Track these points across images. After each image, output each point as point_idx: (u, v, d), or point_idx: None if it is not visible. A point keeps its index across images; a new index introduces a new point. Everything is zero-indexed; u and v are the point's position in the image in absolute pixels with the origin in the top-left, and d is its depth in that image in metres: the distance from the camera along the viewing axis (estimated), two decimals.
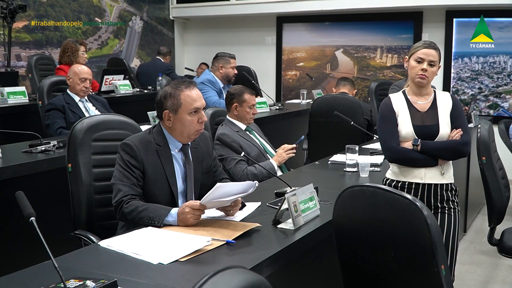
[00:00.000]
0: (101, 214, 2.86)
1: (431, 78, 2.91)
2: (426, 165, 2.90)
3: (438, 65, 2.92)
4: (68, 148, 2.87)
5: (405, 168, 2.95)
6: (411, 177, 2.93)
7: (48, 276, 1.78)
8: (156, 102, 2.74)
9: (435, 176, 2.91)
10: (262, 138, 4.22)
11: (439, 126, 2.90)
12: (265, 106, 6.18)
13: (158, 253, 2.08)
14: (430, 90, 2.99)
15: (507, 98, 7.40)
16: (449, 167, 2.96)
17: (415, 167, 2.91)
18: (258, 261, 2.05)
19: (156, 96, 2.77)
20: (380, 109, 3.03)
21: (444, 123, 2.91)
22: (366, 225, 2.07)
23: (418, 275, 1.95)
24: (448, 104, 2.94)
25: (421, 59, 2.90)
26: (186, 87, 2.69)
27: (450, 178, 2.94)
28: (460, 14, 7.59)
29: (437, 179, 2.91)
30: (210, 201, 2.38)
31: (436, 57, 2.90)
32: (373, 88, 6.63)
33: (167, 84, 2.83)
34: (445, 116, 2.92)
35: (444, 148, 2.89)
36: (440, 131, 2.89)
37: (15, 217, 2.37)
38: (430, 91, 2.99)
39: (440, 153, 2.89)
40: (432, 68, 2.89)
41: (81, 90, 4.64)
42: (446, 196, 2.92)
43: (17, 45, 7.21)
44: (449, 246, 2.91)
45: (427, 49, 2.91)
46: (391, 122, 2.95)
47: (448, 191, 2.92)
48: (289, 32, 8.97)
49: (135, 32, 9.02)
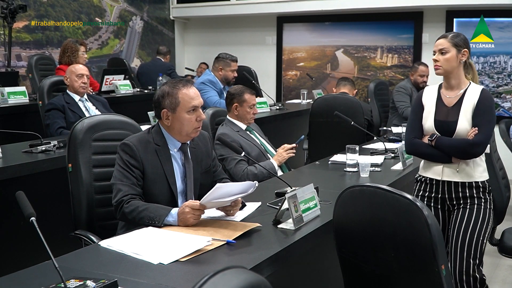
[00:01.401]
0: (102, 214, 2.86)
1: (446, 66, 2.91)
2: (441, 161, 2.94)
3: (453, 51, 2.89)
4: (68, 148, 2.87)
5: (427, 163, 3.02)
6: (431, 173, 2.99)
7: (49, 276, 1.78)
8: (154, 101, 2.74)
9: (451, 173, 2.93)
10: (262, 138, 4.22)
11: (458, 122, 2.89)
12: (266, 106, 6.19)
13: (158, 253, 2.08)
14: (462, 83, 2.94)
15: (508, 98, 7.40)
16: (469, 165, 2.91)
17: (433, 162, 2.97)
18: (258, 261, 2.05)
19: (154, 95, 2.77)
20: (413, 100, 3.09)
21: (463, 120, 2.89)
22: (367, 225, 2.07)
23: (418, 275, 1.95)
24: (474, 100, 2.89)
25: (434, 52, 2.96)
26: (184, 86, 2.69)
27: (472, 177, 2.91)
28: (461, 14, 7.59)
29: (452, 176, 2.93)
30: (210, 201, 2.38)
31: (444, 44, 2.91)
32: (372, 89, 6.64)
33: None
34: (467, 113, 2.89)
35: (453, 146, 2.89)
36: (458, 128, 2.89)
37: (16, 217, 2.37)
38: (462, 84, 2.94)
39: (450, 150, 2.91)
40: (445, 56, 2.91)
41: (80, 87, 4.63)
42: (469, 193, 2.91)
43: (18, 45, 7.22)
44: (466, 240, 2.88)
45: (437, 41, 2.97)
46: (416, 115, 3.03)
47: (468, 188, 2.91)
48: (290, 32, 8.97)
49: (135, 32, 9.02)
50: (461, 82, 2.95)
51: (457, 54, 2.91)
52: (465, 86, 2.94)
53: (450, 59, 2.90)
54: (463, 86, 2.95)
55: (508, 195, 3.54)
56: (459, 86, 2.95)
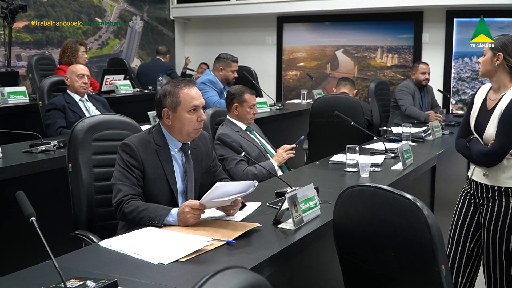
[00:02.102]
0: (102, 214, 2.86)
1: (482, 68, 2.96)
2: (474, 163, 3.04)
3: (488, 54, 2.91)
4: (68, 148, 2.87)
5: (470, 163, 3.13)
6: (469, 171, 3.11)
7: (49, 276, 1.78)
8: (156, 100, 2.75)
9: (479, 175, 3.00)
10: (262, 138, 4.22)
11: (486, 128, 2.92)
12: (266, 106, 6.18)
13: (158, 253, 2.08)
14: (503, 87, 2.92)
15: None
16: (495, 169, 2.92)
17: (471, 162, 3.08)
18: (258, 261, 2.05)
19: (155, 95, 2.77)
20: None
21: (491, 126, 2.90)
22: (367, 225, 2.06)
23: (418, 275, 1.95)
24: (502, 107, 2.88)
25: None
26: (185, 85, 2.69)
27: (497, 181, 2.93)
28: (460, 14, 7.60)
29: (480, 178, 3.00)
30: (210, 200, 2.38)
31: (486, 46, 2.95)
32: (372, 89, 6.64)
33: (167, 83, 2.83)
34: (495, 119, 2.90)
35: (474, 152, 2.98)
36: (485, 134, 2.93)
37: (16, 217, 2.37)
38: (502, 89, 2.92)
39: (469, 154, 3.01)
40: (483, 58, 2.95)
41: (81, 87, 4.64)
42: (491, 195, 2.96)
43: (18, 45, 7.22)
44: (484, 241, 2.98)
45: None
46: (467, 113, 3.11)
47: (492, 191, 2.95)
48: (290, 32, 8.98)
49: (135, 32, 9.03)
50: (501, 86, 2.93)
51: (492, 58, 2.90)
52: (505, 91, 2.91)
53: (484, 61, 2.94)
54: (503, 91, 2.92)
55: None
56: (499, 90, 2.94)
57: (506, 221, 2.92)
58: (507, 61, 2.87)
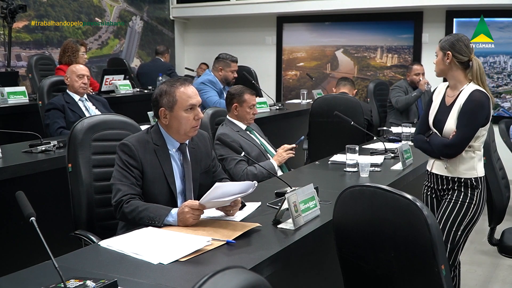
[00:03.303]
0: (101, 214, 2.86)
1: (436, 68, 3.10)
2: (434, 156, 3.13)
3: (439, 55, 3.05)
4: (68, 148, 2.87)
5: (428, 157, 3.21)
6: (428, 165, 3.21)
7: (48, 276, 1.78)
8: (152, 100, 2.75)
9: (440, 168, 3.10)
10: (262, 138, 4.22)
11: (446, 122, 3.02)
12: (265, 106, 6.19)
13: (158, 253, 2.08)
14: (459, 84, 3.04)
15: (508, 98, 7.40)
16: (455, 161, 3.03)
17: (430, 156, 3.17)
18: (258, 261, 2.05)
19: (152, 95, 2.77)
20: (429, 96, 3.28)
21: (451, 120, 3.01)
22: (366, 225, 2.07)
23: (418, 275, 1.95)
24: (461, 102, 2.99)
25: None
26: (181, 84, 2.69)
27: (458, 173, 3.03)
28: (460, 14, 7.59)
29: (441, 171, 3.10)
30: (209, 200, 2.38)
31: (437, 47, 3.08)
32: (371, 89, 6.65)
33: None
34: (454, 113, 3.00)
35: (435, 145, 3.07)
36: (444, 128, 3.03)
37: (15, 217, 2.37)
38: (459, 85, 3.04)
39: (434, 148, 3.08)
40: (436, 59, 3.09)
41: (80, 87, 4.65)
42: (451, 186, 3.06)
43: (17, 45, 7.21)
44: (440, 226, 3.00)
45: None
46: (426, 110, 3.22)
47: (452, 182, 3.05)
48: (289, 32, 8.97)
49: (135, 32, 9.02)
50: (457, 83, 3.06)
51: (443, 57, 3.04)
52: (461, 87, 3.04)
53: (437, 62, 3.08)
54: (459, 87, 3.05)
55: (508, 195, 3.55)
56: (456, 86, 3.07)
57: (462, 210, 3.02)
58: (457, 58, 3.01)
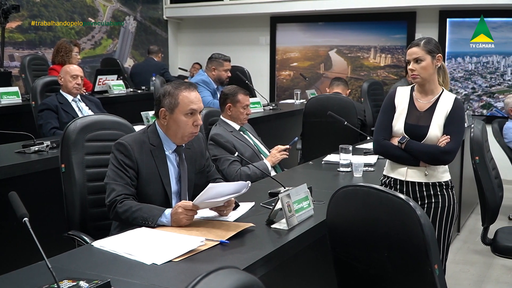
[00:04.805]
0: (95, 215, 2.85)
1: (424, 74, 2.87)
2: (409, 164, 2.92)
3: (428, 59, 2.86)
4: (61, 149, 2.86)
5: (393, 164, 3.00)
6: (395, 174, 2.98)
7: (42, 276, 1.78)
8: (155, 99, 2.76)
9: (417, 175, 2.93)
10: (256, 138, 4.22)
11: (429, 128, 2.88)
12: (259, 106, 6.18)
13: (151, 254, 2.07)
14: (435, 89, 2.93)
15: (501, 98, 7.43)
16: (433, 168, 2.92)
17: (398, 164, 2.96)
18: (251, 261, 2.05)
19: (155, 93, 2.78)
20: (384, 100, 3.06)
21: (435, 126, 2.88)
22: (360, 225, 2.07)
23: (411, 275, 1.96)
24: (448, 108, 2.89)
25: (408, 60, 2.93)
26: (186, 88, 2.69)
27: (437, 178, 2.92)
28: (454, 14, 7.61)
29: (419, 178, 2.92)
30: (203, 201, 2.38)
31: (419, 52, 2.87)
32: (365, 89, 6.65)
33: (163, 83, 2.83)
34: (439, 119, 2.88)
35: (424, 151, 2.88)
36: (428, 134, 2.88)
37: (8, 218, 2.36)
38: (436, 90, 2.93)
39: (420, 155, 2.90)
40: (420, 64, 2.87)
41: (74, 87, 4.64)
42: (433, 192, 2.92)
43: (11, 45, 7.19)
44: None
45: (409, 49, 2.93)
46: (387, 115, 3.00)
47: (433, 188, 2.92)
48: (283, 32, 8.98)
49: (128, 32, 9.01)
50: (435, 88, 2.94)
51: (432, 61, 2.88)
52: (438, 92, 2.93)
53: (426, 67, 2.87)
54: (436, 92, 2.93)
55: (501, 195, 3.55)
56: (433, 92, 2.94)
57: (450, 211, 2.93)
58: (439, 61, 2.91)
